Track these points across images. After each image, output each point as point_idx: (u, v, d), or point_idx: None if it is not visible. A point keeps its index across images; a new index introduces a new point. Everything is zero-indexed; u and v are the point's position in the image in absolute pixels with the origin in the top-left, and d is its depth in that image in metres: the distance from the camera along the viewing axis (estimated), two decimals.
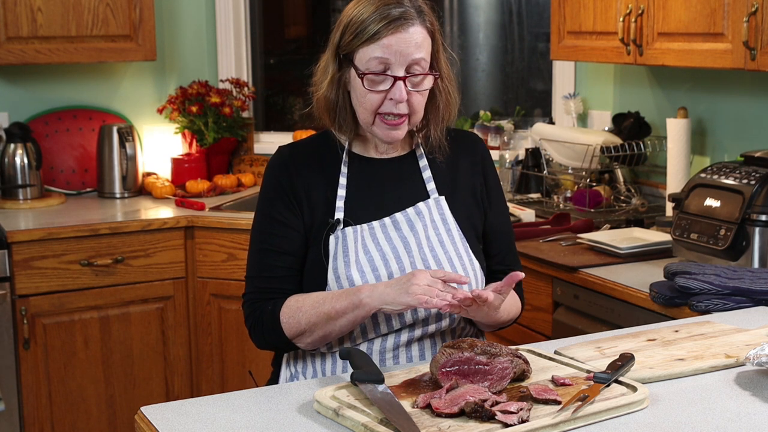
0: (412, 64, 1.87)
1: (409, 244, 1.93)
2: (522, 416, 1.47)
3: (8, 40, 3.62)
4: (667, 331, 1.96)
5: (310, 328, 1.88)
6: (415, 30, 1.87)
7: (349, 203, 1.96)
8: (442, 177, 2.02)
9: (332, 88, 1.93)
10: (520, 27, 4.31)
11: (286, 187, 1.96)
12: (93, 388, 3.52)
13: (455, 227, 1.98)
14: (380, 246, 1.93)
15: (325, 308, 1.85)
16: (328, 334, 1.88)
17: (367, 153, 2.01)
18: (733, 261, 2.56)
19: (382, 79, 1.87)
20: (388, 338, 1.91)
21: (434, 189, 2.00)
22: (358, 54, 1.87)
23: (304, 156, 2.00)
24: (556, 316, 2.89)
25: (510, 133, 4.08)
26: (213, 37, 4.31)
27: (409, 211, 1.96)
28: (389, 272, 1.91)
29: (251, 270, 1.99)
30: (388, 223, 1.95)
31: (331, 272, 1.91)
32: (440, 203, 1.99)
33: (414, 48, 1.87)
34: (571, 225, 3.21)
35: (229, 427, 1.54)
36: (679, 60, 2.92)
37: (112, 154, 3.98)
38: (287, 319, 1.90)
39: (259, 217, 2.00)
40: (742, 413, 1.55)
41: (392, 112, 1.89)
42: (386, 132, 1.91)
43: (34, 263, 3.39)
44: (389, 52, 1.85)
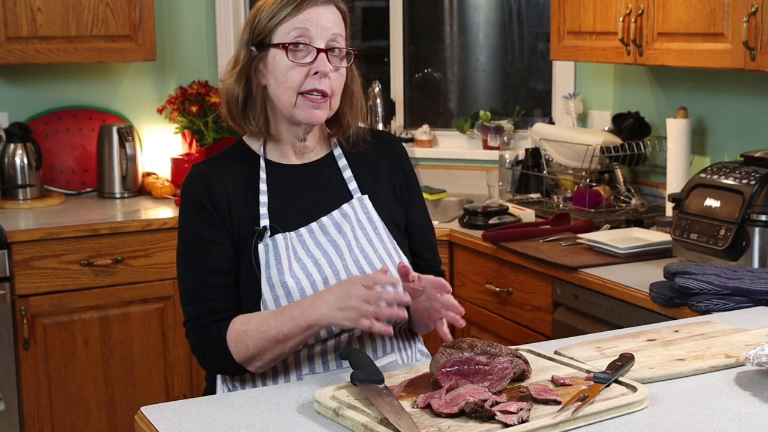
0: (330, 40, 1.88)
1: (340, 247, 1.91)
2: (522, 416, 1.46)
3: (8, 40, 3.62)
4: (667, 331, 1.96)
5: (259, 352, 1.82)
6: (331, 8, 1.90)
7: (273, 210, 1.92)
8: (363, 175, 2.00)
9: (241, 81, 1.91)
10: (520, 27, 4.31)
11: (206, 202, 1.90)
12: (93, 388, 3.52)
13: (381, 225, 1.97)
14: (311, 252, 1.90)
15: (271, 332, 1.80)
16: (278, 355, 1.83)
17: (284, 159, 1.98)
18: (733, 261, 2.56)
19: (304, 52, 1.86)
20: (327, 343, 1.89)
21: (356, 188, 1.98)
22: (277, 33, 1.87)
23: (220, 168, 1.95)
24: (556, 316, 2.89)
25: (510, 133, 4.08)
26: (213, 37, 4.31)
27: (335, 214, 1.94)
28: (323, 277, 1.88)
29: (187, 296, 1.92)
30: (315, 228, 1.92)
31: (265, 281, 1.87)
32: (364, 202, 1.97)
33: (333, 24, 1.88)
34: (571, 225, 3.21)
35: (229, 427, 1.53)
36: (679, 60, 2.92)
37: (112, 154, 3.98)
38: (234, 344, 1.84)
39: (184, 239, 1.93)
40: (742, 413, 1.55)
41: (316, 88, 1.87)
42: (309, 112, 1.88)
43: (34, 263, 3.39)
44: (310, 24, 1.86)
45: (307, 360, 1.90)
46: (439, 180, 4.18)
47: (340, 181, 1.99)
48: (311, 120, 1.90)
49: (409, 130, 4.31)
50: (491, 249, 3.16)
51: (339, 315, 1.74)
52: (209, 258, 1.89)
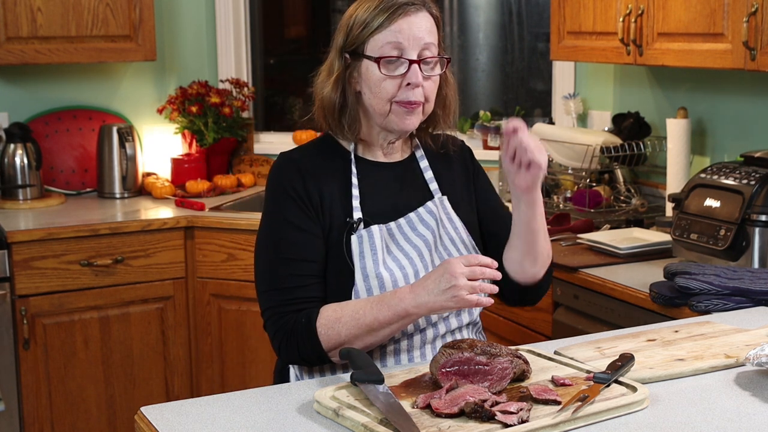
0: (423, 49, 1.88)
1: (428, 242, 1.94)
2: (522, 416, 1.47)
3: (8, 40, 3.62)
4: (667, 331, 1.96)
5: (350, 340, 1.81)
6: (423, 15, 1.89)
7: (364, 205, 1.94)
8: (443, 178, 2.04)
9: (337, 89, 1.92)
10: (520, 27, 4.31)
11: (301, 191, 1.91)
12: (93, 388, 3.52)
13: (461, 225, 2.00)
14: (401, 245, 1.93)
15: (366, 319, 1.79)
16: (369, 345, 1.83)
17: (373, 157, 2.00)
18: (733, 261, 2.56)
19: (396, 64, 1.87)
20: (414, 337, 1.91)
21: (437, 189, 2.01)
22: (370, 44, 1.88)
23: (312, 160, 1.96)
24: (556, 316, 2.89)
25: None
26: (213, 37, 4.31)
27: (421, 211, 1.96)
28: (415, 270, 1.90)
29: (270, 282, 1.89)
30: (403, 223, 1.95)
31: (359, 272, 1.87)
32: (444, 203, 2.00)
33: (425, 32, 1.88)
34: (571, 225, 3.21)
35: (229, 427, 1.53)
36: (679, 60, 2.92)
37: (112, 154, 3.98)
38: (325, 330, 1.81)
39: (272, 225, 1.92)
40: (742, 413, 1.55)
41: (409, 99, 1.88)
42: (403, 118, 1.90)
43: (34, 263, 3.39)
44: (402, 36, 1.86)
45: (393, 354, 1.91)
46: None
47: (422, 181, 2.02)
48: (404, 128, 1.92)
49: None
50: None
51: (442, 298, 1.74)
52: (299, 246, 1.89)
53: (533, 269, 1.98)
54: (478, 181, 2.10)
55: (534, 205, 1.91)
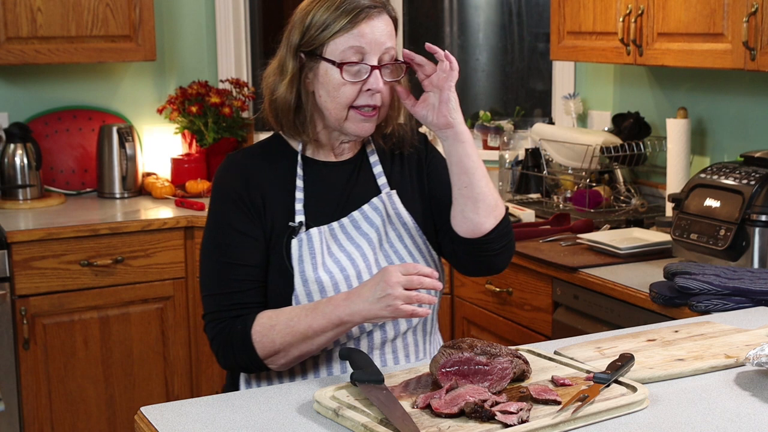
0: (383, 54, 1.85)
1: (372, 241, 1.91)
2: (522, 416, 1.47)
3: (8, 40, 3.62)
4: (667, 331, 1.96)
5: (285, 347, 1.79)
6: (384, 18, 1.86)
7: (307, 207, 1.91)
8: (392, 172, 1.99)
9: (292, 90, 1.88)
10: (520, 27, 4.31)
11: (243, 195, 1.88)
12: (93, 388, 3.52)
13: (410, 220, 1.95)
14: (343, 246, 1.89)
15: (301, 327, 1.77)
16: (305, 353, 1.81)
17: (321, 157, 1.96)
18: (733, 261, 2.56)
19: (357, 69, 1.84)
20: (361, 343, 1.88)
21: (385, 183, 1.97)
22: (329, 46, 1.83)
23: (257, 162, 1.93)
24: (556, 316, 2.89)
25: (510, 134, 4.08)
26: (213, 37, 4.31)
27: (365, 208, 1.93)
28: (357, 271, 1.87)
29: (211, 287, 1.89)
30: (346, 222, 1.91)
31: (298, 276, 1.85)
32: (392, 197, 1.95)
33: (386, 37, 1.85)
34: (571, 225, 3.21)
35: (229, 427, 1.53)
36: (679, 60, 2.92)
37: (112, 155, 3.98)
38: (260, 338, 1.80)
39: (214, 230, 1.90)
40: (742, 413, 1.55)
41: (368, 104, 1.85)
42: (360, 125, 1.86)
43: (34, 263, 3.39)
44: (365, 41, 1.82)
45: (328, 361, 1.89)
46: None
47: (371, 177, 1.98)
48: (360, 133, 1.89)
49: None
50: None
51: (377, 306, 1.71)
52: (240, 250, 1.86)
53: (476, 217, 1.88)
54: (431, 164, 2.03)
55: (460, 140, 1.86)
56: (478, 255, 1.92)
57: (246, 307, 1.86)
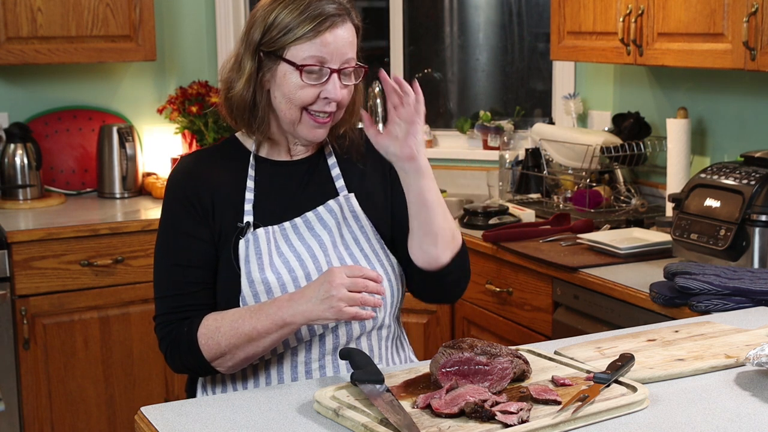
0: (344, 61, 1.84)
1: (324, 243, 1.89)
2: (522, 416, 1.46)
3: (8, 40, 3.62)
4: (667, 331, 1.96)
5: (230, 350, 1.78)
6: (348, 27, 1.84)
7: (258, 207, 1.88)
8: (351, 175, 1.97)
9: (249, 87, 1.86)
10: (520, 27, 4.31)
11: (191, 196, 1.87)
12: (93, 388, 3.52)
13: (368, 224, 1.94)
14: (294, 246, 1.87)
15: (245, 328, 1.76)
16: (251, 355, 1.79)
17: (275, 156, 1.95)
18: (733, 261, 2.56)
19: (317, 73, 1.83)
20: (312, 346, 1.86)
21: (343, 186, 1.95)
22: (291, 51, 1.82)
23: (209, 163, 1.92)
24: (556, 316, 2.89)
25: (510, 134, 4.08)
26: (213, 37, 4.32)
27: (320, 210, 1.91)
28: (306, 272, 1.85)
29: (161, 289, 1.88)
30: (299, 222, 1.89)
31: (245, 277, 1.83)
32: (350, 200, 1.94)
33: (348, 47, 1.84)
34: (571, 225, 3.21)
35: (229, 427, 1.53)
36: (679, 60, 2.92)
37: (112, 155, 3.98)
38: (206, 341, 1.79)
39: (164, 232, 1.90)
40: (742, 413, 1.55)
41: (323, 110, 1.85)
42: (312, 131, 1.86)
43: (34, 263, 3.39)
44: (327, 51, 1.81)
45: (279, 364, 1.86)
46: (439, 180, 4.11)
47: (328, 179, 1.96)
48: (312, 138, 1.88)
49: None
50: (491, 249, 3.16)
51: (320, 307, 1.70)
52: (187, 252, 1.86)
53: (434, 250, 1.86)
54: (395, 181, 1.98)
55: (421, 174, 1.83)
56: (433, 284, 1.93)
57: (194, 309, 1.85)
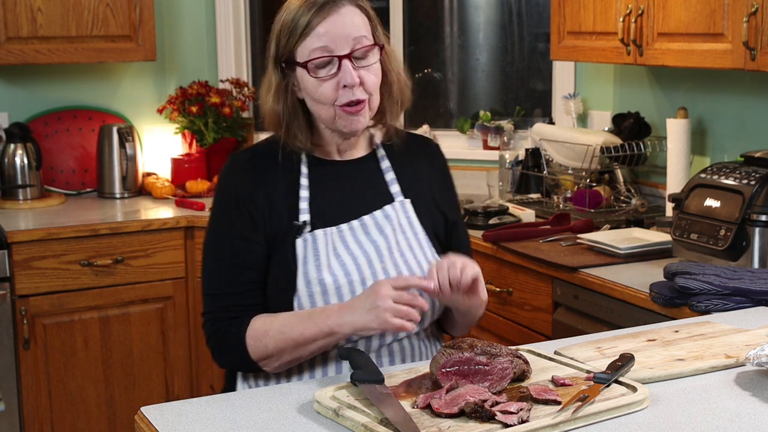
0: (354, 44, 1.81)
1: (380, 248, 1.88)
2: (522, 416, 1.46)
3: (8, 40, 3.62)
4: (667, 331, 1.96)
5: (277, 353, 1.81)
6: (347, 10, 1.82)
7: (313, 206, 1.88)
8: (405, 179, 1.97)
9: (279, 99, 1.87)
10: (520, 27, 4.31)
11: (245, 196, 1.87)
12: (93, 388, 3.52)
13: (421, 231, 1.94)
14: (351, 250, 1.87)
15: (293, 334, 1.79)
16: (297, 358, 1.82)
17: (327, 156, 1.95)
18: (733, 261, 2.56)
19: (327, 63, 1.81)
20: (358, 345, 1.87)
21: (399, 192, 1.95)
22: (299, 52, 1.82)
23: (262, 160, 1.92)
24: (556, 316, 2.89)
25: (510, 133, 4.08)
26: (213, 37, 4.31)
27: (377, 215, 1.90)
28: (362, 277, 1.85)
29: (211, 287, 1.91)
30: (356, 226, 1.89)
31: (301, 277, 1.84)
32: (405, 206, 1.94)
33: (351, 27, 1.81)
34: (571, 225, 3.21)
35: (229, 427, 1.53)
36: (679, 60, 2.92)
37: (112, 155, 3.98)
38: (253, 342, 1.82)
39: (217, 230, 1.91)
40: (742, 413, 1.55)
41: (350, 100, 1.81)
42: (350, 122, 1.84)
43: (34, 263, 3.39)
44: (328, 38, 1.79)
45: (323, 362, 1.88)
46: None
47: (382, 183, 1.95)
48: (354, 129, 1.86)
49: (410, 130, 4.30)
50: (491, 249, 3.16)
51: (366, 318, 1.73)
52: (240, 252, 1.86)
53: (467, 328, 2.02)
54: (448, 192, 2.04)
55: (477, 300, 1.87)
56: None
57: (243, 309, 1.87)
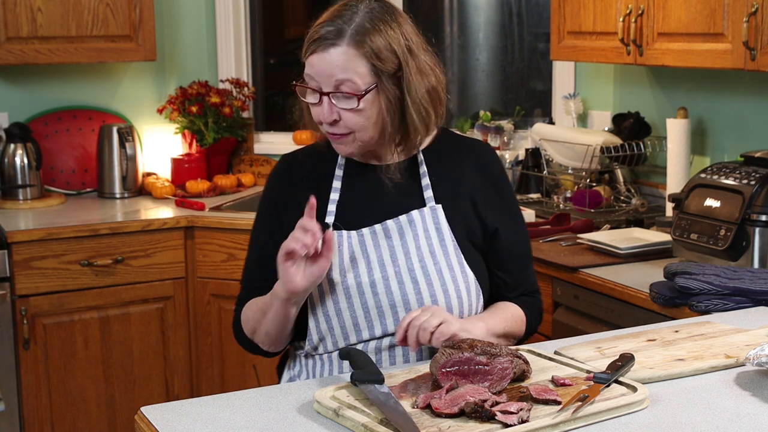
0: (338, 85, 1.83)
1: (396, 254, 1.89)
2: (522, 416, 1.46)
3: (8, 40, 3.62)
4: (667, 331, 1.96)
5: (255, 324, 1.94)
6: (336, 51, 1.81)
7: (342, 208, 1.93)
8: (443, 185, 1.96)
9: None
10: (520, 27, 4.31)
11: (277, 201, 1.99)
12: (93, 388, 3.52)
13: (450, 237, 1.93)
14: (367, 253, 1.89)
15: (260, 303, 1.92)
16: (268, 330, 1.91)
17: (364, 160, 1.97)
18: (733, 261, 2.56)
19: (311, 93, 1.88)
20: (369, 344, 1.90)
21: (431, 197, 1.94)
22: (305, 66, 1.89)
23: (305, 162, 2.01)
24: (556, 316, 2.89)
25: (510, 133, 4.08)
26: (213, 37, 4.31)
27: (402, 219, 1.91)
28: (371, 279, 1.87)
29: (245, 278, 2.04)
30: (378, 230, 1.91)
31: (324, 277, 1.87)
32: (436, 212, 1.93)
33: (336, 69, 1.82)
34: (571, 225, 3.21)
35: (229, 427, 1.53)
36: (679, 60, 2.92)
37: (112, 154, 3.98)
38: (243, 317, 1.98)
39: (255, 226, 2.04)
40: (742, 413, 1.55)
41: (329, 132, 1.89)
42: (337, 147, 1.92)
43: (34, 263, 3.39)
44: (313, 71, 1.85)
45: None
46: None
47: (416, 187, 1.96)
48: (344, 154, 1.94)
49: None
50: None
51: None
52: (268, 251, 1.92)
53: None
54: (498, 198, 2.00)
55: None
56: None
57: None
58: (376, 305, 1.88)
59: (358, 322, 1.88)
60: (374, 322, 1.88)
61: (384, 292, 1.88)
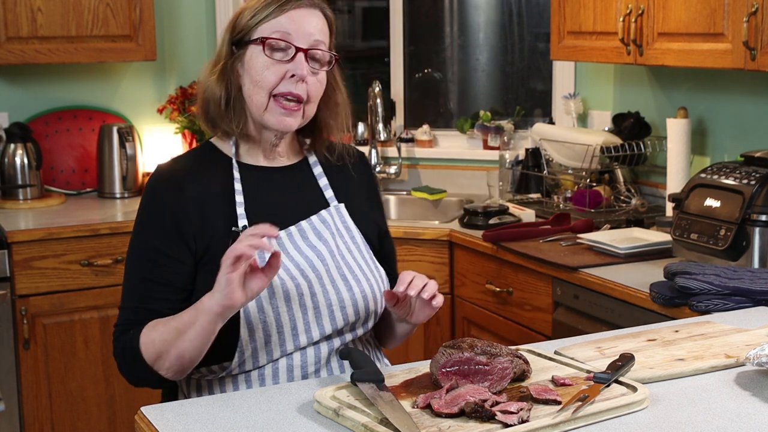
0: (313, 44, 1.83)
1: (321, 253, 1.86)
2: (522, 416, 1.46)
3: (8, 40, 3.62)
4: (667, 331, 1.96)
5: (163, 347, 1.73)
6: (316, 13, 1.85)
7: (249, 212, 1.84)
8: (338, 186, 1.97)
9: (222, 81, 1.86)
10: (520, 27, 4.31)
11: (171, 210, 1.82)
12: (93, 388, 3.52)
13: (358, 235, 1.94)
14: (291, 255, 1.84)
15: (174, 322, 1.72)
16: (182, 353, 1.72)
17: (256, 161, 1.92)
18: (733, 261, 2.56)
19: (282, 52, 1.82)
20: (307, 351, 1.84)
21: (333, 197, 1.94)
22: (257, 30, 1.83)
23: (190, 170, 1.88)
24: (556, 316, 2.89)
25: (510, 133, 4.08)
26: (213, 37, 4.31)
27: (314, 220, 1.89)
28: (308, 282, 1.83)
29: (125, 300, 1.84)
30: (294, 231, 1.86)
31: None
32: (341, 211, 1.93)
33: (316, 29, 1.84)
34: (571, 225, 3.21)
35: (229, 427, 1.53)
36: (679, 60, 2.92)
37: (112, 154, 3.98)
38: (145, 340, 1.75)
39: (138, 244, 1.86)
40: (742, 413, 1.55)
41: (291, 91, 1.81)
42: (279, 118, 1.83)
43: (34, 263, 3.39)
44: (291, 26, 1.81)
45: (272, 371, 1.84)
46: (439, 180, 4.18)
47: (316, 189, 1.95)
48: (281, 127, 1.85)
49: (410, 130, 4.31)
50: (491, 249, 3.16)
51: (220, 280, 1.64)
52: (160, 268, 1.81)
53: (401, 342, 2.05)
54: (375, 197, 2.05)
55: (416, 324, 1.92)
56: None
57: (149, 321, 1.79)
58: (314, 306, 1.83)
59: (297, 325, 1.81)
60: (311, 324, 1.83)
61: (321, 292, 1.84)
